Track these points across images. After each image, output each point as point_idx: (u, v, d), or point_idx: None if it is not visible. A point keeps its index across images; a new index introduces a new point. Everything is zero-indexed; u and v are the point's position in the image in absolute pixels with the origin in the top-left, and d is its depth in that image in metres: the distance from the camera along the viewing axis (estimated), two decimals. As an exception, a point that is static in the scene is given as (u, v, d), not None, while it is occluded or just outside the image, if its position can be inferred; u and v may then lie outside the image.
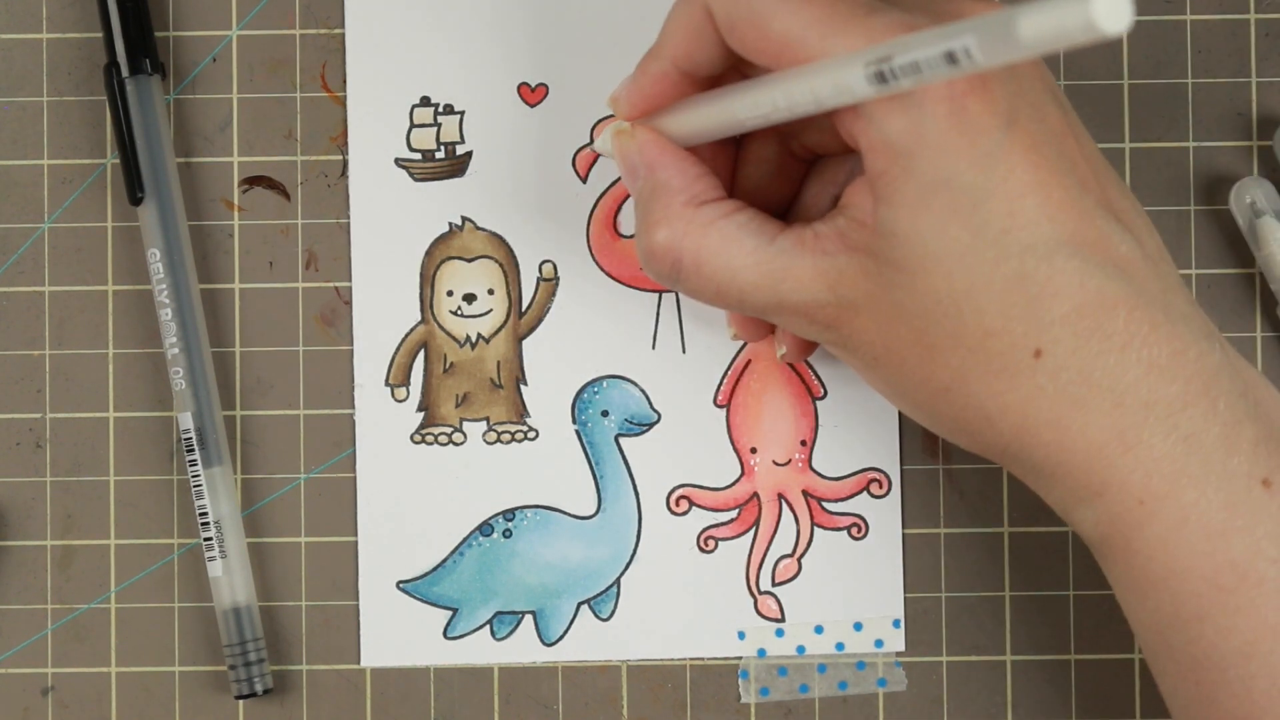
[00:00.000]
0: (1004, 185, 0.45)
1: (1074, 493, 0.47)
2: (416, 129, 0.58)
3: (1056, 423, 0.46)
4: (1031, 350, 0.45)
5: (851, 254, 0.47)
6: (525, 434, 0.58)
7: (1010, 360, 0.46)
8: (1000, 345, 0.46)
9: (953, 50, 0.40)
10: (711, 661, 0.57)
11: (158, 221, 0.56)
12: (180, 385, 0.56)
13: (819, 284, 0.47)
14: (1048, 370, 0.46)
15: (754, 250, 0.48)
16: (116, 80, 0.56)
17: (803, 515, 0.57)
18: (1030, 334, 0.45)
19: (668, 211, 0.49)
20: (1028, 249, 0.45)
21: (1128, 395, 0.46)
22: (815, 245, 0.47)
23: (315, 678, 0.58)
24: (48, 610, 0.58)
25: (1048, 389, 0.46)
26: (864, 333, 0.47)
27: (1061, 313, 0.45)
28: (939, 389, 0.47)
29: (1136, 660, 0.57)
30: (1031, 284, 0.45)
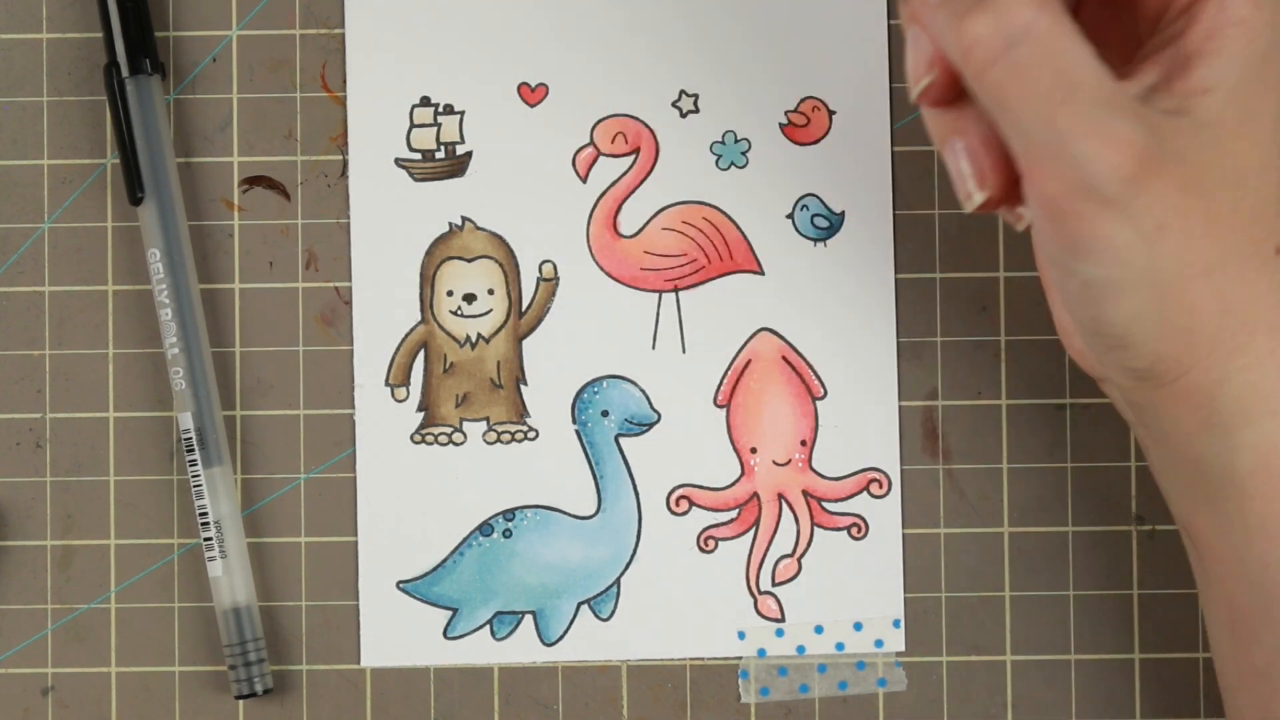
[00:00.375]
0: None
1: (1249, 410, 0.46)
2: (416, 129, 0.58)
3: (1274, 328, 0.46)
4: (1275, 245, 0.46)
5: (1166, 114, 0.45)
6: (525, 434, 0.58)
7: (1259, 251, 0.46)
8: (1259, 233, 0.46)
9: None
10: (711, 661, 0.57)
11: (158, 221, 0.56)
12: (180, 385, 0.56)
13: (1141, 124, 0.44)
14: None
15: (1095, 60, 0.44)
16: (116, 80, 0.56)
17: (803, 515, 0.57)
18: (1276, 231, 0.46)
19: None
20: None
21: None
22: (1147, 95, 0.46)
23: (315, 678, 0.57)
24: (48, 610, 0.58)
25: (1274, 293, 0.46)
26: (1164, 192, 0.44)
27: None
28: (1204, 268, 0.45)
29: (1136, 660, 0.57)
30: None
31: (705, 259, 0.58)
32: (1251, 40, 0.45)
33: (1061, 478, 0.57)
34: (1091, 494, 0.57)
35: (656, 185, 0.58)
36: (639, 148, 0.58)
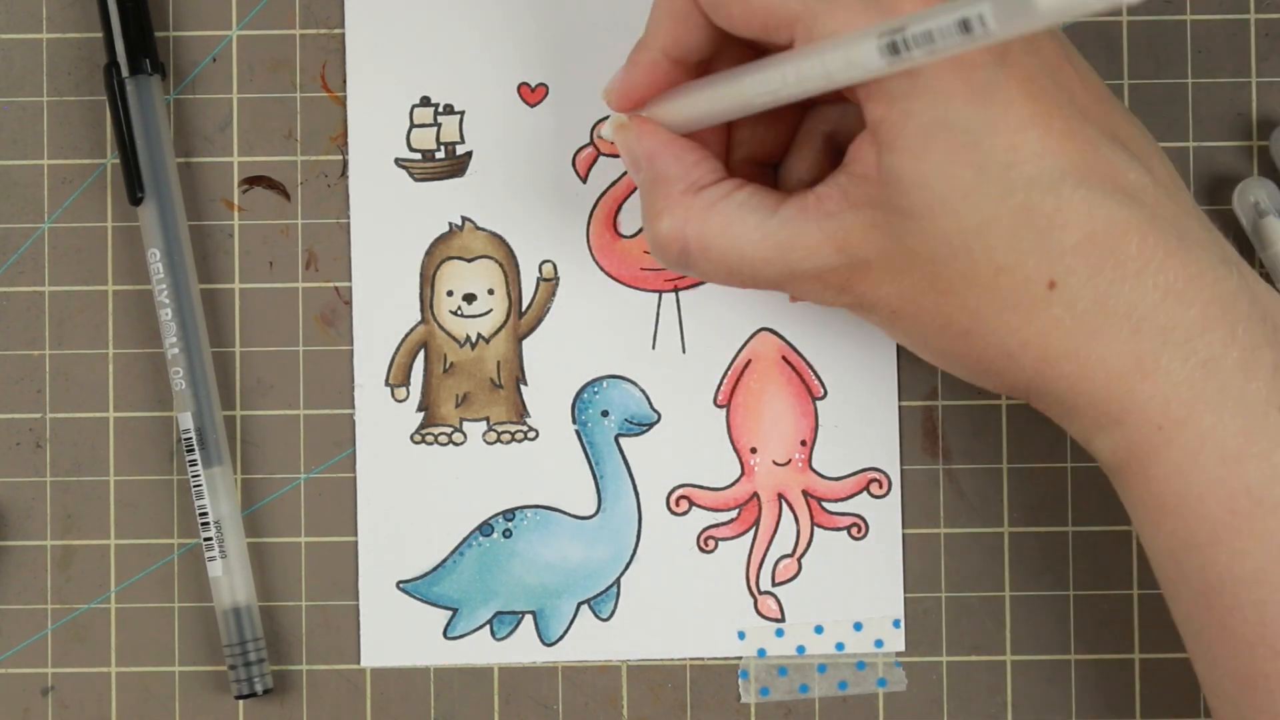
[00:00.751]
0: (1003, 120, 0.45)
1: (1095, 421, 0.47)
2: (416, 129, 0.58)
3: (1075, 353, 0.46)
4: (1045, 282, 0.46)
5: (857, 210, 0.47)
6: (525, 434, 0.58)
7: (1025, 294, 0.46)
8: (1013, 280, 0.46)
9: (968, 19, 0.40)
10: (711, 661, 0.57)
11: (158, 221, 0.56)
12: (180, 385, 0.56)
13: (827, 247, 0.47)
14: (1063, 301, 0.46)
15: (758, 225, 0.48)
16: (116, 80, 0.56)
17: (803, 515, 0.57)
18: (1042, 266, 0.45)
19: (669, 200, 0.49)
20: (1032, 182, 0.45)
21: (1144, 321, 0.46)
22: (818, 208, 0.47)
23: (315, 678, 0.57)
24: (48, 610, 0.58)
25: (1064, 320, 0.46)
26: (878, 287, 0.47)
27: (1072, 242, 0.45)
28: (959, 332, 0.47)
29: (1136, 660, 0.57)
30: (1039, 216, 0.45)
31: (705, 259, 0.58)
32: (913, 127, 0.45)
33: (1061, 477, 0.57)
34: (1091, 494, 0.57)
35: (656, 185, 0.58)
36: (639, 148, 0.58)
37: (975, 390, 0.57)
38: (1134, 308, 0.46)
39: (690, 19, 0.49)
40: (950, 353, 0.48)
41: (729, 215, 0.49)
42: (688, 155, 0.50)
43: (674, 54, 0.50)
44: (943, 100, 0.44)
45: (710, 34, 0.49)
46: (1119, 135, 0.47)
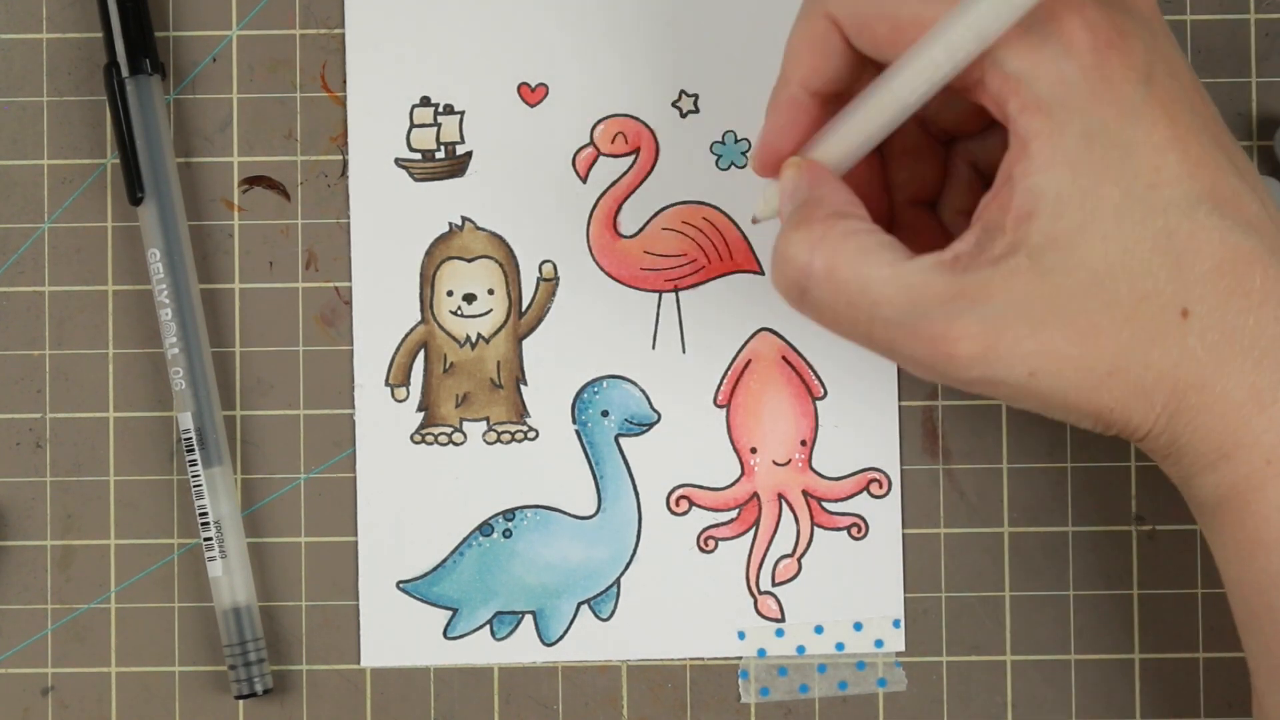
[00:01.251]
0: (1148, 139, 0.45)
1: (1204, 456, 0.47)
2: (416, 129, 0.58)
3: (1202, 385, 0.46)
4: (1180, 310, 0.46)
5: (994, 265, 0.45)
6: (525, 434, 0.58)
7: (1162, 324, 0.46)
8: (1152, 308, 0.45)
9: None
10: (711, 661, 0.57)
11: (158, 221, 0.56)
12: (180, 385, 0.56)
13: (961, 300, 0.46)
14: (1195, 330, 0.46)
15: (890, 263, 0.47)
16: (116, 80, 0.56)
17: (803, 515, 0.57)
18: (1178, 293, 0.45)
19: (809, 218, 0.48)
20: (1171, 204, 0.45)
21: (1267, 354, 0.46)
22: (954, 264, 0.46)
23: (315, 678, 0.58)
24: (48, 610, 0.58)
25: (1197, 351, 0.46)
26: (1016, 345, 0.46)
27: (1204, 270, 0.45)
28: (1101, 376, 0.46)
29: (1136, 660, 0.57)
30: (1176, 240, 0.45)
31: (705, 259, 0.58)
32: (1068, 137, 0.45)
33: (1061, 478, 0.57)
34: (1091, 494, 0.57)
35: (656, 185, 0.58)
36: (639, 148, 0.58)
37: (975, 390, 0.57)
38: (1257, 339, 0.46)
39: (829, 46, 0.48)
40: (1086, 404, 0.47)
41: (864, 245, 0.47)
42: (843, 192, 0.49)
43: (812, 85, 0.49)
44: (1097, 110, 0.44)
45: (850, 60, 0.48)
46: (1239, 167, 0.47)
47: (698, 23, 0.58)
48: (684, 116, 0.58)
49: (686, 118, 0.58)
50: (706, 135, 0.58)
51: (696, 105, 0.58)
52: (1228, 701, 0.56)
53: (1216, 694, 0.57)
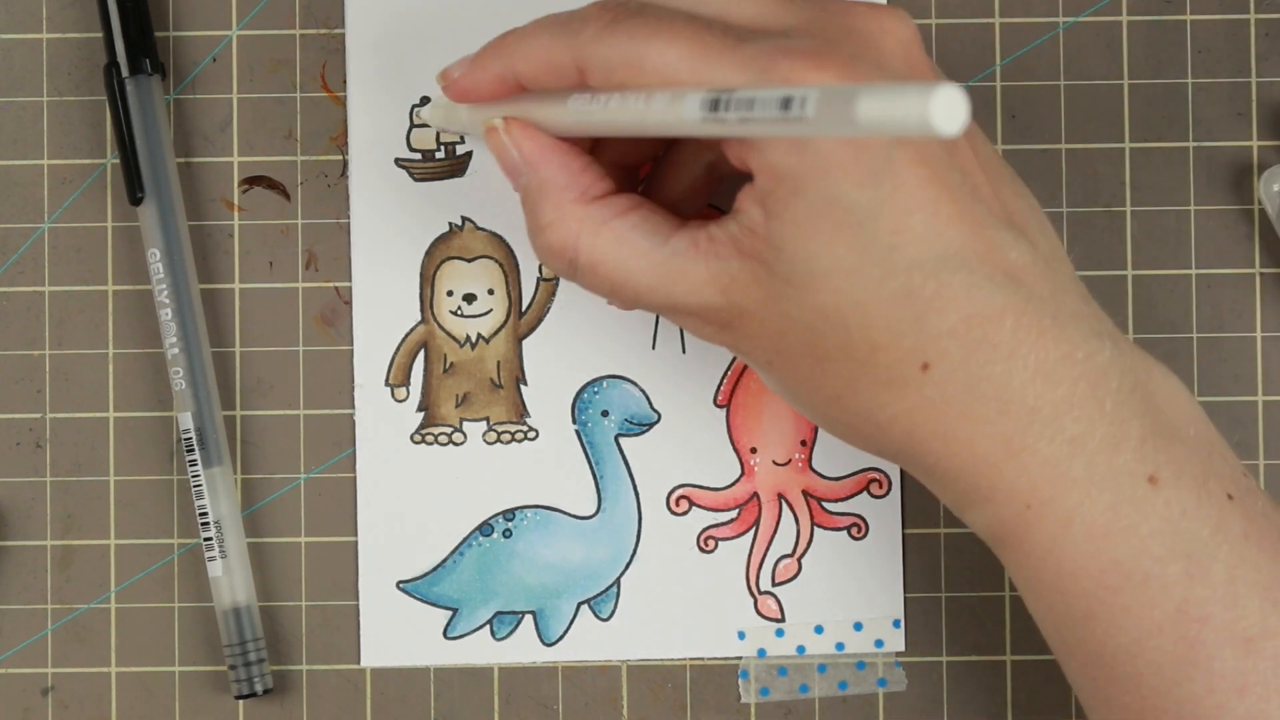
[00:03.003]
0: (891, 202, 0.44)
1: (964, 495, 0.47)
2: (416, 129, 0.58)
3: (943, 433, 0.46)
4: (919, 364, 0.46)
5: (744, 260, 0.46)
6: (525, 434, 0.58)
7: (898, 373, 0.46)
8: (888, 359, 0.46)
9: (790, 97, 0.39)
10: (711, 661, 0.57)
11: (158, 221, 0.56)
12: (180, 385, 0.56)
13: (711, 288, 0.47)
14: (935, 382, 0.46)
15: (648, 252, 0.48)
16: (116, 80, 0.56)
17: (803, 515, 0.57)
18: (917, 348, 0.45)
19: (559, 211, 0.49)
20: (914, 265, 0.45)
21: (1013, 402, 0.46)
22: (709, 249, 0.47)
23: (315, 678, 0.57)
24: (48, 610, 0.58)
25: (935, 400, 0.46)
26: (755, 338, 0.47)
27: (948, 326, 0.45)
28: (830, 396, 0.47)
29: (1136, 660, 0.57)
30: (918, 299, 0.45)
31: (705, 259, 0.58)
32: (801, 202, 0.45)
33: (1061, 478, 0.57)
34: (1091, 494, 0.57)
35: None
36: (639, 148, 0.58)
37: (975, 390, 0.57)
38: (1003, 389, 0.46)
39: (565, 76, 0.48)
40: (820, 412, 0.48)
41: (620, 235, 0.48)
42: (573, 161, 0.49)
43: (530, 86, 0.49)
44: (833, 179, 0.44)
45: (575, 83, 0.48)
46: (1008, 211, 0.47)
47: (698, 23, 0.58)
48: (684, 116, 0.58)
49: (686, 118, 0.58)
50: (706, 135, 0.58)
51: (696, 105, 0.58)
52: (1228, 701, 0.56)
53: (1216, 694, 0.57)
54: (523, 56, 0.49)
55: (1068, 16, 0.58)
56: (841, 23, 0.46)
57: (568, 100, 0.48)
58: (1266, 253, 0.57)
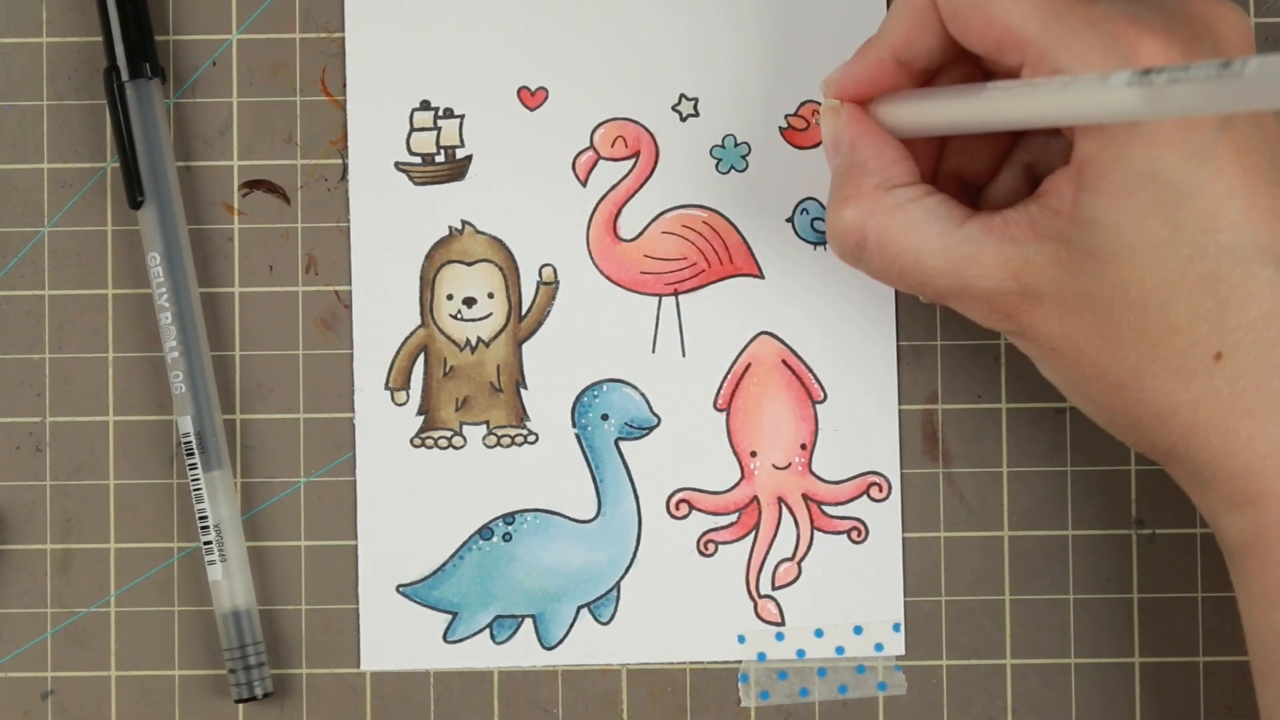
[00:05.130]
0: (1211, 185, 0.45)
1: (1228, 498, 0.47)
2: (416, 133, 0.58)
3: (1225, 428, 0.46)
4: (1213, 352, 0.46)
5: (1041, 242, 0.47)
6: (525, 438, 0.58)
7: (1190, 360, 0.46)
8: (1182, 344, 0.46)
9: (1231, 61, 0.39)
10: (711, 665, 0.57)
11: (157, 225, 0.56)
12: (180, 389, 0.56)
13: (1003, 272, 0.47)
14: (1225, 374, 0.46)
15: (940, 235, 0.48)
16: (116, 84, 0.56)
17: (802, 519, 0.57)
18: (1214, 336, 0.45)
19: (858, 190, 0.50)
20: (1224, 251, 0.45)
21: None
22: (1003, 232, 0.47)
23: (315, 681, 0.57)
24: (47, 614, 0.58)
25: (1223, 393, 0.46)
26: (1045, 322, 0.47)
27: (1248, 318, 0.45)
28: (1114, 383, 0.47)
29: (1136, 664, 0.57)
30: (1223, 286, 0.45)
31: (705, 262, 0.58)
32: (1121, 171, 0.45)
33: (1061, 481, 0.57)
34: (1091, 497, 0.57)
35: (656, 189, 0.58)
36: (639, 151, 0.58)
37: (975, 394, 0.57)
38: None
39: (926, 24, 0.49)
40: (1100, 401, 0.48)
41: (914, 218, 0.49)
42: (889, 152, 0.50)
43: (903, 56, 0.50)
44: (1158, 151, 0.44)
45: (942, 42, 0.49)
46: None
47: (698, 26, 0.58)
48: (684, 120, 0.58)
49: (686, 121, 0.58)
50: (706, 139, 0.58)
51: (696, 109, 0.58)
52: (1227, 705, 0.56)
53: (1216, 698, 0.57)
54: (888, 24, 0.50)
55: (1067, 20, 0.58)
56: (1181, 6, 0.47)
57: (984, 89, 0.48)
58: (1266, 256, 0.57)
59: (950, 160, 0.53)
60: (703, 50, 0.58)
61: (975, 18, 0.47)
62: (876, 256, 0.49)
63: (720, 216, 0.58)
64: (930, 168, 0.53)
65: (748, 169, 0.58)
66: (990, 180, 0.53)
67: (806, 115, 0.58)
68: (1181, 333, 0.46)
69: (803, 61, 0.58)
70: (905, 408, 0.57)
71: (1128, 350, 0.46)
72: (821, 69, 0.57)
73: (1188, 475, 0.48)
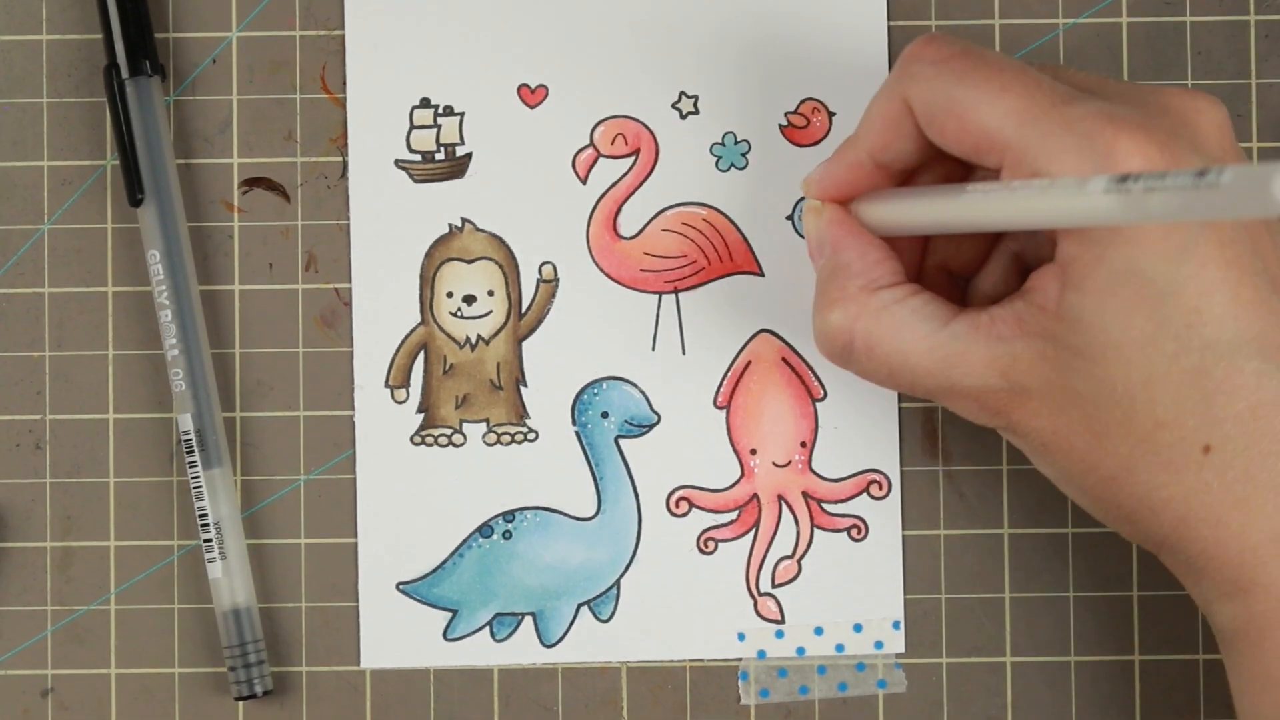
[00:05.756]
0: (1194, 280, 0.45)
1: (1220, 587, 0.47)
2: (416, 130, 0.58)
3: (1217, 520, 0.46)
4: (1201, 446, 0.46)
5: (1028, 339, 0.47)
6: (525, 435, 0.58)
7: (1179, 454, 0.46)
8: (1170, 438, 0.46)
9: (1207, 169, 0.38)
10: (711, 663, 0.57)
11: (157, 223, 0.56)
12: (180, 387, 0.56)
13: (991, 370, 0.47)
14: (1215, 467, 0.46)
15: (927, 335, 0.48)
16: (116, 82, 0.56)
17: (802, 517, 0.57)
18: (1202, 429, 0.46)
19: (844, 293, 0.50)
20: (1209, 345, 0.45)
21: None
22: (990, 330, 0.48)
23: (315, 679, 0.58)
24: (47, 612, 0.58)
25: (1213, 485, 0.46)
26: (1034, 418, 0.48)
27: (1234, 411, 0.45)
28: (1105, 477, 0.47)
29: (1136, 662, 0.57)
30: (1209, 380, 0.45)
31: (705, 260, 0.58)
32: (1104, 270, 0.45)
33: (1061, 479, 0.57)
34: (1091, 495, 0.57)
35: (656, 187, 0.58)
36: (639, 149, 0.58)
37: (975, 392, 0.57)
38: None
39: (903, 128, 0.49)
40: (1092, 494, 0.48)
41: (900, 320, 0.49)
42: (872, 253, 0.50)
43: (880, 158, 0.50)
44: (1139, 250, 0.44)
45: (920, 144, 0.49)
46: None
47: (698, 24, 0.58)
48: (684, 118, 0.58)
49: (686, 119, 0.58)
50: (706, 136, 0.58)
51: (696, 106, 0.58)
52: (1227, 704, 0.56)
53: (1216, 696, 0.57)
54: (864, 126, 0.50)
55: (1068, 18, 0.58)
56: (1158, 100, 0.47)
57: (964, 191, 0.48)
58: (1267, 254, 0.57)
59: (936, 253, 0.53)
60: (703, 48, 0.58)
61: (951, 123, 0.47)
62: (865, 358, 0.50)
63: (720, 214, 0.58)
64: (916, 261, 0.53)
65: (748, 167, 0.58)
66: (978, 271, 0.53)
67: (806, 113, 0.58)
68: (1169, 427, 0.46)
69: (803, 59, 0.58)
70: (905, 405, 0.57)
71: (1117, 445, 0.47)
72: (821, 67, 0.57)
73: (1181, 565, 0.48)
